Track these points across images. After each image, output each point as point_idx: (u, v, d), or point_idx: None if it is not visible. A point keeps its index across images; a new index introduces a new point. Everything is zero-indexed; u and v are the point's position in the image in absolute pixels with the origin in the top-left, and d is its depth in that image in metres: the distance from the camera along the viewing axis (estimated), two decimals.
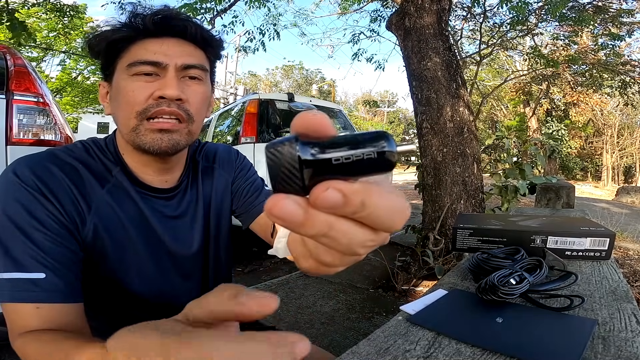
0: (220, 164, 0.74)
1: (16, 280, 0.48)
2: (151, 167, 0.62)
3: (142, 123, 0.55)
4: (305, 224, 0.18)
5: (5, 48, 1.85)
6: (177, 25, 0.57)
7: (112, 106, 0.60)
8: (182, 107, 0.57)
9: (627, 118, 20.37)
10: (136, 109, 0.55)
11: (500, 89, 13.06)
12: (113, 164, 0.61)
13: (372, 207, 0.18)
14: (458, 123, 2.81)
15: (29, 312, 0.48)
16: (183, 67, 0.57)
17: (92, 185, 0.57)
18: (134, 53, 0.56)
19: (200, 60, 0.60)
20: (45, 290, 0.49)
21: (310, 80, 34.57)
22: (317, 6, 7.05)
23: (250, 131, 3.48)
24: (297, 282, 2.72)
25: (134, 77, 0.56)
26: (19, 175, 0.52)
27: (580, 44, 7.50)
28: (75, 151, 0.59)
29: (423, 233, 2.93)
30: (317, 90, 25.21)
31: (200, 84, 0.60)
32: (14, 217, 0.50)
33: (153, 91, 0.55)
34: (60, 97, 13.20)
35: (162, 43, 0.57)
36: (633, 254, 3.36)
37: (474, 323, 0.52)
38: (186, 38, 0.59)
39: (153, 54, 0.56)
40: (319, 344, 0.88)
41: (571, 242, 0.78)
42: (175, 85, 0.55)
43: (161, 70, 0.56)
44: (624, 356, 0.42)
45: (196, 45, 0.60)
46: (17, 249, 0.49)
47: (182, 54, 0.57)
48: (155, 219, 0.62)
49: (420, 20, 2.89)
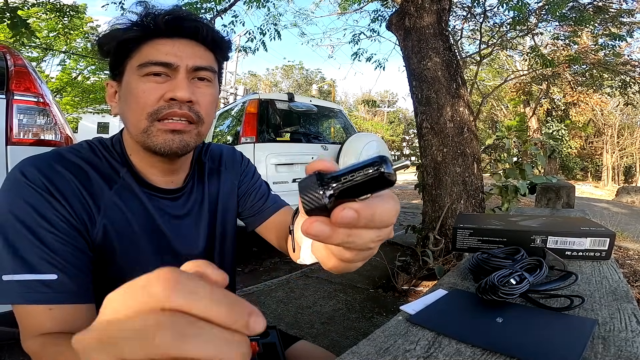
0: (226, 166, 0.75)
1: (27, 281, 0.48)
2: (158, 168, 0.62)
3: (153, 124, 0.55)
4: (331, 237, 0.25)
5: (5, 48, 1.85)
6: (189, 26, 0.57)
7: (120, 106, 0.60)
8: (193, 109, 0.57)
9: (627, 118, 20.37)
10: (147, 111, 0.55)
11: (500, 89, 13.06)
12: (120, 165, 0.60)
13: (378, 216, 0.25)
14: (458, 123, 2.81)
15: (42, 313, 0.48)
16: (193, 68, 0.57)
17: (100, 186, 0.57)
18: (145, 53, 0.56)
19: (210, 62, 0.60)
20: (57, 292, 0.48)
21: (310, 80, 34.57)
22: (317, 6, 7.06)
23: (250, 131, 3.48)
24: (297, 282, 2.72)
25: (145, 78, 0.55)
26: (27, 175, 0.51)
27: (581, 44, 7.50)
28: (81, 151, 0.59)
29: (423, 233, 2.93)
30: (317, 90, 25.20)
31: (209, 86, 0.60)
32: (23, 217, 0.49)
33: (164, 92, 0.55)
34: (60, 97, 13.20)
35: (173, 44, 0.56)
36: (633, 254, 3.36)
37: (474, 323, 0.52)
38: (197, 39, 0.59)
39: (165, 55, 0.55)
40: (319, 344, 0.88)
41: (571, 242, 0.78)
42: (187, 87, 0.55)
43: (172, 71, 0.56)
44: (624, 356, 0.42)
45: (206, 47, 0.60)
46: (27, 249, 0.48)
47: (193, 56, 0.57)
48: (162, 219, 0.62)
49: (420, 20, 2.89)
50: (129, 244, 0.58)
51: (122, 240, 0.58)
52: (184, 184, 0.67)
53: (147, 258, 0.60)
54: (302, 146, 3.78)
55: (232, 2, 4.66)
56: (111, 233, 0.56)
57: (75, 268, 0.51)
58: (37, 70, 2.09)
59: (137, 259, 0.59)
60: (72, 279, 0.50)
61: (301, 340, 0.79)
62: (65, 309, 0.49)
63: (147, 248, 0.60)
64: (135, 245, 0.59)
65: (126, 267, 0.59)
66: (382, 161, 0.22)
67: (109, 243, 0.56)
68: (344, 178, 0.23)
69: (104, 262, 0.56)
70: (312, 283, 2.69)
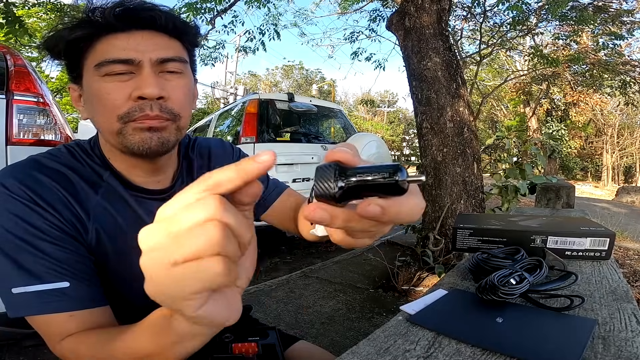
0: (217, 161, 0.72)
1: (41, 292, 0.46)
2: (141, 169, 0.59)
3: (127, 125, 0.52)
4: (331, 223, 0.27)
5: (5, 48, 1.85)
6: (144, 16, 0.52)
7: (88, 110, 0.56)
8: (166, 107, 0.53)
9: (627, 118, 20.37)
10: (117, 113, 0.51)
11: (500, 89, 13.06)
12: (102, 168, 0.57)
13: (404, 214, 0.27)
14: (458, 123, 2.81)
15: (64, 320, 0.47)
16: (159, 61, 0.52)
17: (85, 192, 0.54)
18: (100, 51, 0.51)
19: (177, 52, 0.55)
20: (75, 298, 0.47)
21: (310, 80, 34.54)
22: (317, 6, 7.07)
23: (250, 131, 3.48)
24: (297, 282, 2.72)
25: (106, 78, 0.51)
26: (8, 187, 0.48)
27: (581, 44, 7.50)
28: (60, 156, 0.56)
29: (423, 233, 2.93)
30: (317, 90, 25.17)
31: (180, 77, 0.55)
32: (15, 230, 0.47)
33: (130, 91, 0.51)
34: (60, 97, 13.19)
35: (129, 37, 0.51)
36: (633, 254, 3.36)
37: (474, 323, 0.51)
38: (157, 29, 0.53)
39: (122, 51, 0.50)
40: (319, 344, 0.88)
41: (571, 242, 0.78)
42: (154, 82, 0.51)
43: (135, 67, 0.51)
44: (624, 356, 0.42)
45: (170, 36, 0.55)
46: (29, 261, 0.47)
47: (155, 47, 0.52)
48: (151, 220, 0.61)
49: (420, 20, 2.89)
50: (121, 247, 0.56)
51: (114, 244, 0.56)
52: (172, 183, 0.64)
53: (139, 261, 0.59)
54: (302, 146, 3.78)
55: (232, 2, 4.67)
56: (104, 237, 0.55)
57: (83, 273, 0.50)
58: (37, 70, 2.09)
59: (130, 262, 0.58)
60: (84, 284, 0.49)
61: (300, 341, 0.78)
62: (85, 315, 0.48)
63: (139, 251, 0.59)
64: (126, 248, 0.57)
65: (118, 270, 0.57)
66: (398, 169, 0.24)
67: (102, 247, 0.55)
68: (359, 176, 0.25)
69: (98, 266, 0.55)
70: (312, 283, 2.69)
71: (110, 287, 0.56)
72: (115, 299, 0.56)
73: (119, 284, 0.57)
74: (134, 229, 0.58)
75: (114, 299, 0.56)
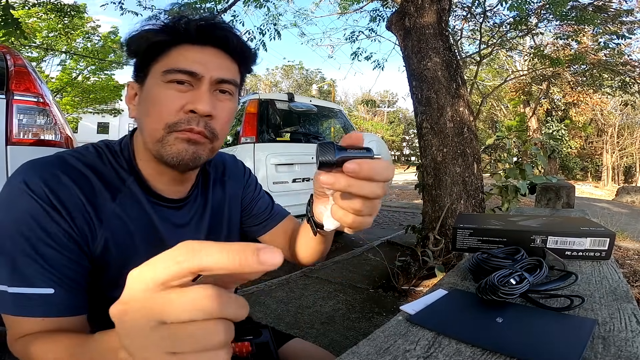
0: (230, 176, 0.75)
1: (23, 294, 0.47)
2: (167, 176, 0.61)
3: (170, 134, 0.54)
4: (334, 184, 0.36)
5: (5, 48, 1.85)
6: (220, 35, 0.55)
7: (139, 110, 0.58)
8: (210, 126, 0.55)
9: (627, 118, 20.38)
10: (165, 121, 0.53)
11: (500, 89, 13.07)
12: (127, 173, 0.58)
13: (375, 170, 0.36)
14: (458, 123, 2.81)
15: (34, 323, 0.47)
16: (217, 80, 0.55)
17: (103, 197, 0.55)
18: (173, 59, 0.54)
19: (234, 75, 0.58)
20: (52, 305, 0.48)
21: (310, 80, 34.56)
22: (317, 6, 7.05)
23: (250, 131, 3.48)
24: (297, 282, 2.72)
25: (168, 85, 0.54)
26: (30, 186, 0.49)
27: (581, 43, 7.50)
28: (87, 156, 0.57)
29: (423, 233, 2.93)
30: (317, 90, 25.17)
31: (230, 100, 0.58)
32: (23, 229, 0.48)
33: (185, 103, 0.53)
34: (60, 97, 13.21)
35: (201, 52, 0.55)
36: (633, 254, 3.36)
37: (474, 323, 0.52)
38: (226, 49, 0.57)
39: (192, 63, 0.53)
40: (319, 344, 0.88)
41: (571, 242, 0.78)
42: (208, 100, 0.53)
43: (196, 80, 0.54)
44: (624, 356, 0.42)
45: (232, 59, 0.58)
46: (25, 263, 0.47)
47: (219, 67, 0.55)
48: (163, 227, 0.61)
49: (420, 20, 2.89)
50: (126, 253, 0.57)
51: (120, 253, 0.56)
52: (189, 194, 0.65)
53: None
54: (302, 146, 3.78)
55: (232, 2, 4.67)
56: (111, 246, 0.55)
57: (72, 282, 0.50)
58: (37, 70, 2.09)
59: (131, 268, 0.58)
60: (69, 293, 0.49)
61: (295, 339, 0.79)
62: (57, 320, 0.48)
63: (144, 255, 0.59)
64: (131, 253, 0.57)
65: (119, 275, 0.56)
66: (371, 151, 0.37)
67: (107, 254, 0.55)
68: (349, 151, 0.36)
69: (97, 272, 0.55)
70: (312, 283, 2.69)
71: (107, 290, 0.57)
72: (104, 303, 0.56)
73: (111, 291, 0.57)
74: (142, 232, 0.59)
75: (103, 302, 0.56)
